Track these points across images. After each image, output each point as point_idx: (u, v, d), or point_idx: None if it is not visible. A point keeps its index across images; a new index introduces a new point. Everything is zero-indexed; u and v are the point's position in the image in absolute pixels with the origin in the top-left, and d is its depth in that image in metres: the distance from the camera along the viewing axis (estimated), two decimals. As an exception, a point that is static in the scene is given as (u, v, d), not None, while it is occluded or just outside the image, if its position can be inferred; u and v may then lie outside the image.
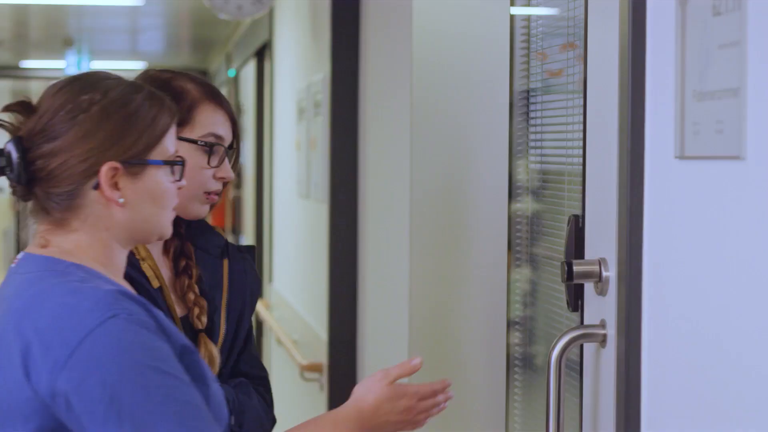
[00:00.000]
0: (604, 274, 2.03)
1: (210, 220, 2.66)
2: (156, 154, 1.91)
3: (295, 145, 6.14)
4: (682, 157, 1.77)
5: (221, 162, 2.37)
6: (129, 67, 14.74)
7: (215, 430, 1.78)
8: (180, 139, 2.19)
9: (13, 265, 1.93)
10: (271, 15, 7.76)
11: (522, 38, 2.76)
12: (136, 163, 1.88)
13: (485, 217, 2.86)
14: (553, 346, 2.04)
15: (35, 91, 18.44)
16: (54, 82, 1.96)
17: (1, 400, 1.79)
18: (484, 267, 2.87)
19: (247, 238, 9.48)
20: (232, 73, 11.21)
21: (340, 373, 4.65)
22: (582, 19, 2.28)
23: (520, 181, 2.75)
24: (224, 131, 2.38)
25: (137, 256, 2.30)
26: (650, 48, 1.89)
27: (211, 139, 2.35)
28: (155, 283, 2.30)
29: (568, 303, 2.19)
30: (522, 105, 2.74)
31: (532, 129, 2.69)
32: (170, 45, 13.34)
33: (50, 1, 9.56)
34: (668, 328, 1.84)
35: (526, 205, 2.74)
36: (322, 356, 4.89)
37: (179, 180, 1.96)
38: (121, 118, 1.89)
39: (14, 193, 1.92)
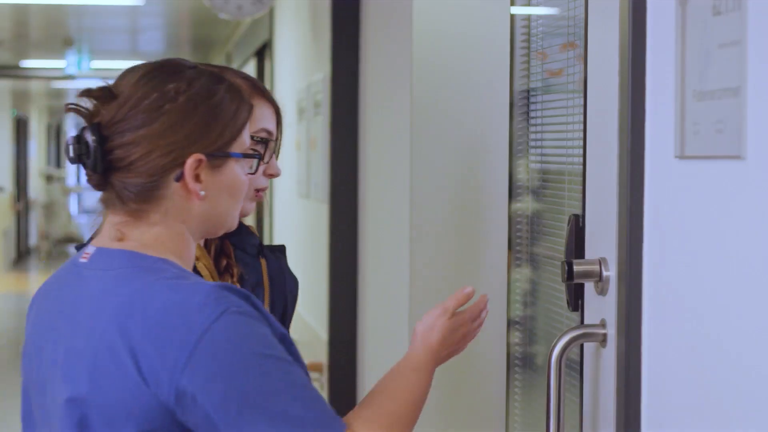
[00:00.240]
0: (605, 273, 2.03)
1: None
2: (236, 147, 1.88)
3: (295, 145, 6.14)
4: (682, 156, 1.77)
5: (270, 158, 2.34)
6: (129, 66, 14.73)
7: (331, 411, 1.74)
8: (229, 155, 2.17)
9: (82, 260, 1.85)
10: (271, 15, 7.75)
11: (522, 38, 2.76)
12: (219, 155, 1.84)
13: (485, 217, 2.85)
14: (554, 345, 2.04)
15: (35, 90, 18.53)
16: (130, 67, 1.89)
17: (110, 404, 1.72)
18: (485, 267, 2.87)
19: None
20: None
21: (340, 372, 4.65)
22: (582, 18, 2.28)
23: (520, 180, 2.75)
24: (272, 126, 2.35)
25: None
26: (650, 47, 1.89)
27: (264, 135, 2.31)
28: None
29: (568, 303, 2.19)
30: (522, 105, 2.73)
31: (532, 129, 2.69)
32: (170, 45, 13.34)
33: (50, 1, 9.55)
34: (668, 328, 1.84)
35: (526, 204, 2.73)
36: (322, 356, 4.89)
37: (254, 173, 1.95)
38: (207, 110, 1.84)
39: (89, 181, 1.84)
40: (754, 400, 1.58)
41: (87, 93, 1.83)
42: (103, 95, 1.83)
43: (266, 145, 2.30)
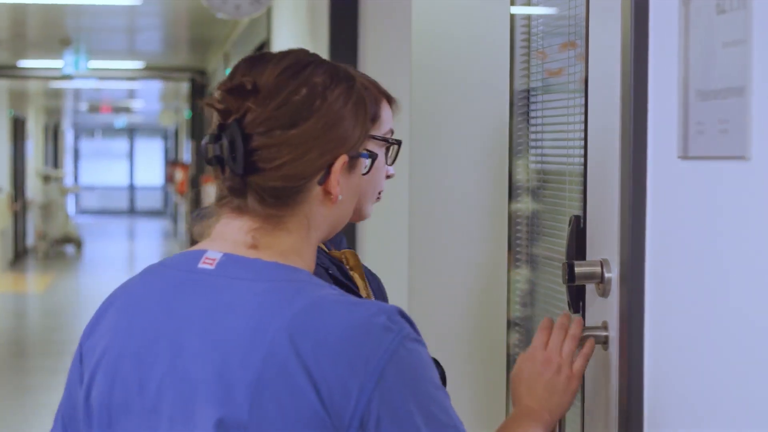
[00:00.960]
0: (606, 275, 2.01)
1: None
2: (368, 146, 1.76)
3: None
4: (685, 157, 1.75)
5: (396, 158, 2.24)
6: (127, 66, 14.73)
7: None
8: (372, 137, 2.09)
9: (205, 266, 1.63)
10: (269, 14, 7.74)
11: (522, 37, 2.74)
12: (356, 156, 1.69)
13: (485, 217, 2.84)
14: (555, 348, 2.02)
15: (33, 90, 18.48)
16: (255, 57, 1.69)
17: (284, 426, 1.54)
18: (484, 267, 2.85)
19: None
20: (229, 72, 11.16)
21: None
22: (583, 17, 2.26)
23: (519, 181, 2.73)
24: (393, 127, 2.25)
25: (347, 265, 2.17)
26: (653, 46, 1.87)
27: (391, 136, 2.21)
28: (363, 294, 2.16)
29: (569, 304, 2.16)
30: (522, 105, 2.72)
31: (532, 129, 2.67)
32: (168, 44, 13.32)
33: (47, 1, 9.53)
34: (671, 330, 1.82)
35: (526, 205, 2.72)
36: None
37: (367, 172, 1.79)
38: (353, 108, 1.67)
39: (225, 182, 1.64)
40: (758, 404, 1.56)
41: (226, 86, 1.65)
42: (244, 89, 1.63)
43: (391, 147, 2.18)
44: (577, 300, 2.14)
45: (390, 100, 2.20)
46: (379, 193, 2.22)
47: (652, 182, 1.87)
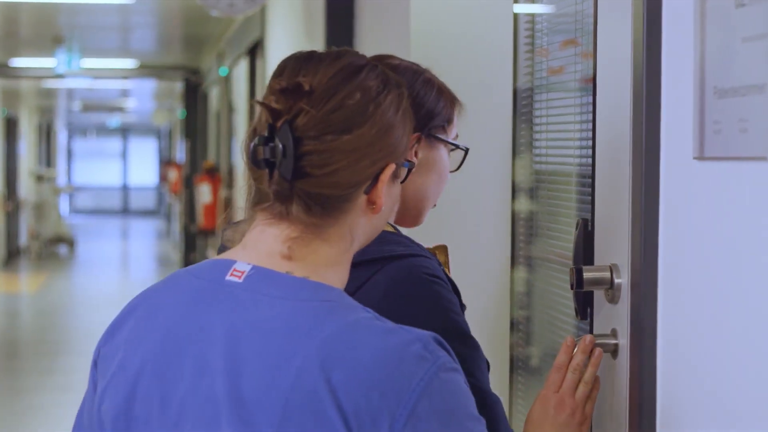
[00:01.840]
0: (616, 281, 1.93)
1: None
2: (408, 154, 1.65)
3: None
4: (701, 158, 1.67)
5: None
6: (120, 65, 14.67)
7: None
8: (445, 140, 2.01)
9: (233, 278, 1.55)
10: (263, 12, 7.68)
11: (526, 34, 2.67)
12: (401, 165, 1.61)
13: (487, 218, 2.77)
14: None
15: (25, 89, 18.45)
16: (302, 55, 1.60)
17: None
18: (487, 268, 2.79)
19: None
20: (223, 71, 11.13)
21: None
22: (587, 13, 2.19)
23: (522, 182, 2.67)
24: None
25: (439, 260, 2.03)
26: (666, 41, 1.79)
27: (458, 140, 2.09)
28: None
29: (576, 311, 2.08)
30: (525, 104, 2.65)
31: (536, 128, 2.60)
32: (161, 43, 13.27)
33: (40, -1, 9.47)
34: (686, 339, 1.74)
35: (528, 206, 2.66)
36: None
37: (403, 181, 1.66)
38: (403, 115, 1.60)
39: (271, 186, 1.54)
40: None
41: (279, 85, 1.55)
42: (299, 90, 1.54)
43: (465, 152, 2.06)
44: (584, 306, 2.06)
45: (458, 103, 2.10)
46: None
47: (665, 184, 1.79)
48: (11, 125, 19.31)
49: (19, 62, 14.43)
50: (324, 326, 1.47)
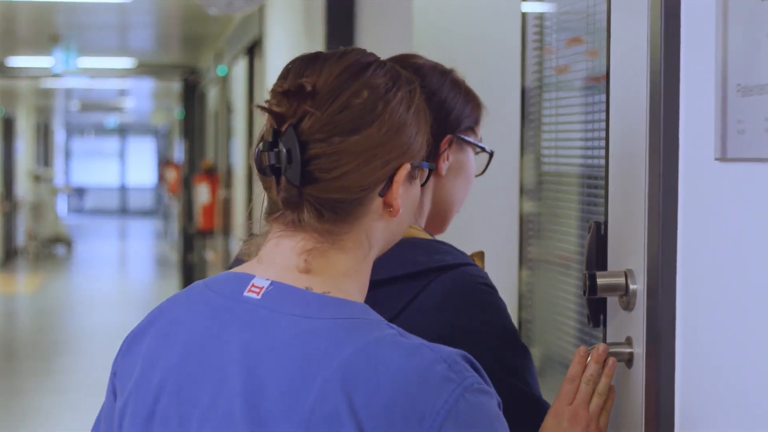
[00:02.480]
0: (631, 287, 1.85)
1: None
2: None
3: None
4: (723, 159, 1.59)
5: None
6: (118, 64, 14.61)
7: None
8: (474, 143, 1.96)
9: (251, 294, 1.50)
10: (262, 11, 7.63)
11: (534, 31, 2.60)
12: (418, 165, 1.55)
13: (495, 218, 2.72)
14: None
15: (22, 89, 18.44)
16: (308, 56, 1.55)
17: None
18: (494, 268, 2.73)
19: (238, 240, 9.33)
20: (222, 70, 11.07)
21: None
22: (595, 10, 2.12)
23: (530, 183, 2.61)
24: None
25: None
26: (685, 35, 1.70)
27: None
28: None
29: (588, 318, 2.00)
30: (533, 103, 2.58)
31: (545, 128, 2.53)
32: (159, 42, 13.21)
33: (37, -3, 9.42)
34: (706, 347, 1.66)
35: (536, 207, 2.60)
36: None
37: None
38: (416, 113, 1.54)
39: (280, 194, 1.49)
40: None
41: (281, 87, 1.50)
42: (302, 91, 1.49)
43: (490, 155, 2.02)
44: (597, 313, 1.98)
45: (482, 104, 2.04)
46: None
47: (684, 186, 1.71)
48: (8, 125, 19.25)
49: (15, 61, 14.37)
50: (345, 346, 1.41)
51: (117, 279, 17.34)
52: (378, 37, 4.16)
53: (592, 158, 2.27)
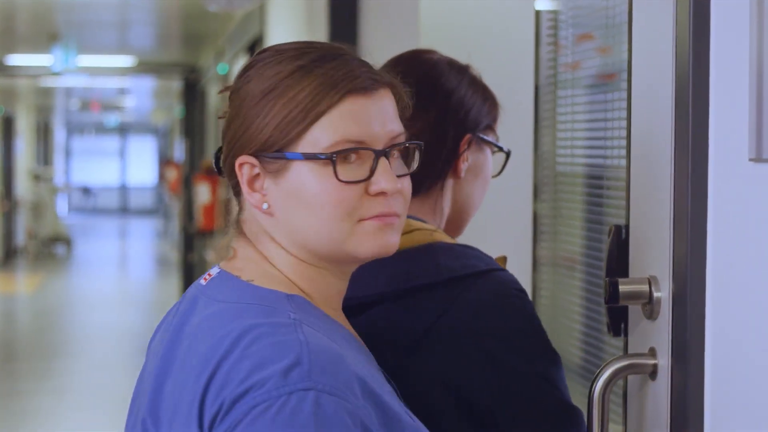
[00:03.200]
0: (655, 294, 1.74)
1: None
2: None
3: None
4: (758, 159, 1.49)
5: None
6: (118, 62, 14.56)
7: None
8: (493, 143, 1.92)
9: (203, 282, 1.56)
10: (263, 9, 7.58)
11: (549, 26, 2.52)
12: (268, 157, 1.60)
13: (509, 218, 2.63)
14: (595, 380, 1.75)
15: (23, 87, 18.43)
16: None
17: None
18: (507, 267, 2.67)
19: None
20: (223, 68, 11.01)
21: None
22: (615, 2, 2.03)
23: (546, 184, 2.53)
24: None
25: None
26: (715, 27, 1.59)
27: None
28: None
29: (608, 327, 1.90)
30: (548, 100, 2.49)
31: (560, 126, 2.45)
32: (160, 40, 13.18)
33: (36, -6, 9.38)
34: (738, 359, 1.57)
35: (548, 210, 2.52)
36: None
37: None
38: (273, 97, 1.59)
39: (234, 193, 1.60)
40: None
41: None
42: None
43: (507, 155, 1.98)
44: (617, 322, 1.88)
45: (498, 102, 1.99)
46: None
47: (714, 188, 1.61)
48: (8, 124, 19.21)
49: (15, 60, 14.32)
50: (218, 330, 1.45)
51: (117, 279, 17.29)
52: (383, 33, 4.07)
53: (605, 158, 2.18)
